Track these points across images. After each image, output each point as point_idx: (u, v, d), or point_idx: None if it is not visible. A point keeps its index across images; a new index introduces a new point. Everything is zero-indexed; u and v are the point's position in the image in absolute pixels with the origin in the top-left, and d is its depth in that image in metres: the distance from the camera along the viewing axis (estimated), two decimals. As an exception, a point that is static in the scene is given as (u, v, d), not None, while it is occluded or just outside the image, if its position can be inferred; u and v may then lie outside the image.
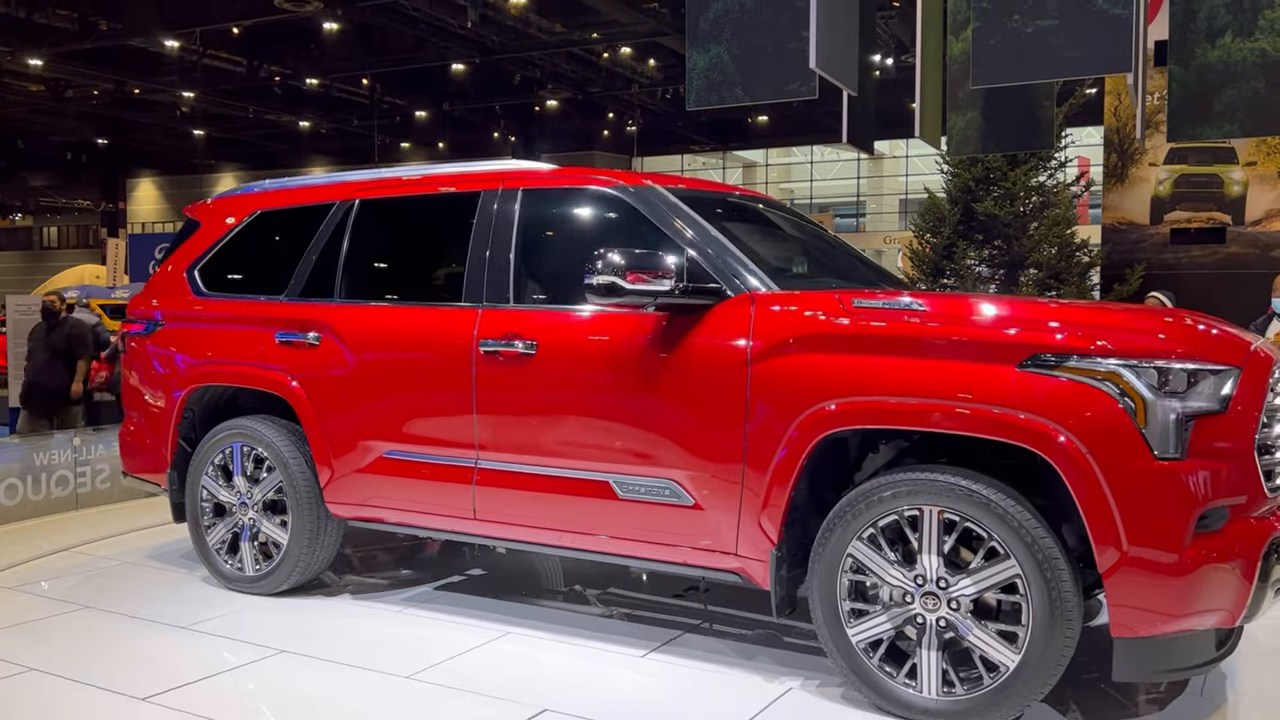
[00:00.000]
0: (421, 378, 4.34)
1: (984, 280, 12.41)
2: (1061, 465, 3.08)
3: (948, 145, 7.60)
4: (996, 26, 5.54)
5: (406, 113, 33.97)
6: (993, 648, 3.23)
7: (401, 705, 3.60)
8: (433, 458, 4.32)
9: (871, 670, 3.40)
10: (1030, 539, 3.14)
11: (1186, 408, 3.04)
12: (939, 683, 3.30)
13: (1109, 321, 3.28)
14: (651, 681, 3.80)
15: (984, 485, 3.22)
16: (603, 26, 25.63)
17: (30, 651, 4.18)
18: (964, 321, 3.35)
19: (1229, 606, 3.07)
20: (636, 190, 4.11)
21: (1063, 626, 3.13)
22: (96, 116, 34.94)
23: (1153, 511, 3.02)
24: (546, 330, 4.04)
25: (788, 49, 5.82)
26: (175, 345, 5.15)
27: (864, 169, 40.81)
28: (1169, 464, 3.01)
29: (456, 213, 4.47)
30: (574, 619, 4.52)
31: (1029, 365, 3.14)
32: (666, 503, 3.74)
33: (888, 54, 23.57)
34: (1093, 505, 3.05)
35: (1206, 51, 6.02)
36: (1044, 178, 12.55)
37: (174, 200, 49.17)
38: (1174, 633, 3.08)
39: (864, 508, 3.38)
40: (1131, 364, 3.06)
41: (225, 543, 4.95)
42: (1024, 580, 3.17)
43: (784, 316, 3.58)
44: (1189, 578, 3.00)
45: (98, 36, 24.24)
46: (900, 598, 3.37)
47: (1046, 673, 3.17)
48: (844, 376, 3.40)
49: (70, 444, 7.18)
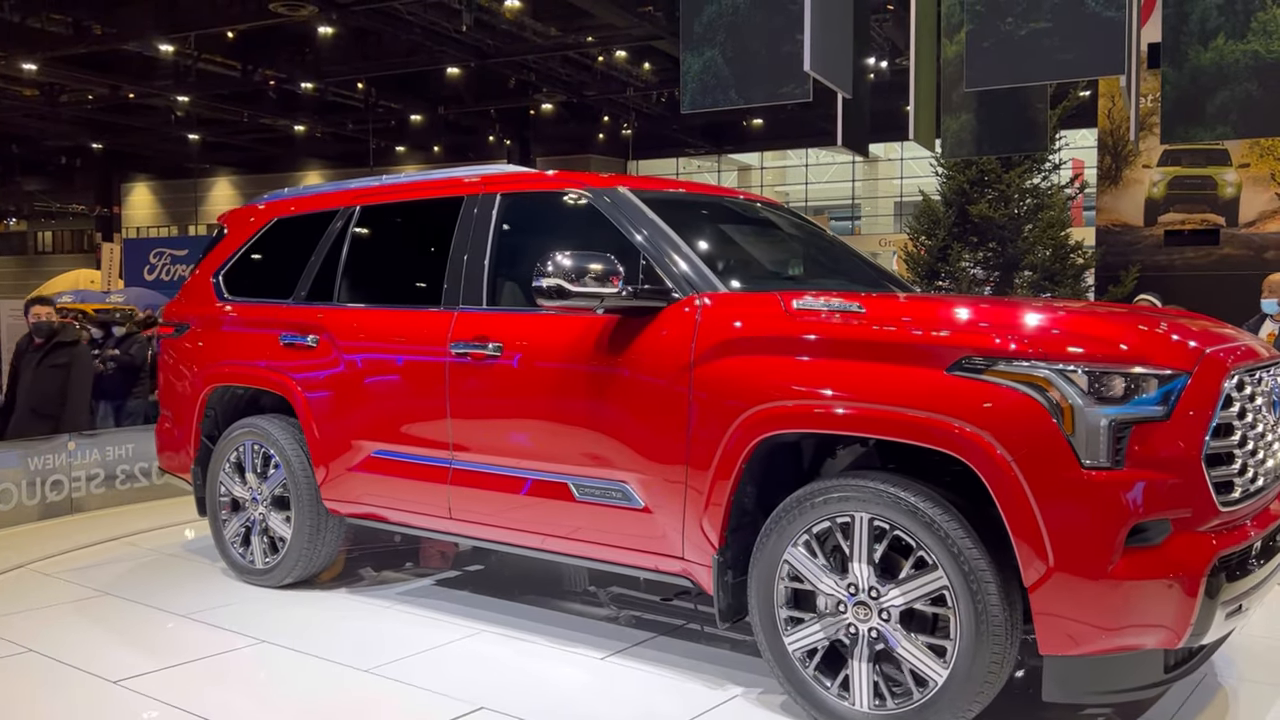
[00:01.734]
0: (404, 379, 4.47)
1: (979, 282, 12.44)
2: (985, 473, 2.95)
3: (942, 148, 7.62)
4: (990, 29, 5.56)
5: (402, 117, 33.95)
6: (921, 661, 3.11)
7: (347, 696, 3.73)
8: (414, 457, 4.43)
9: (807, 680, 3.32)
10: (956, 550, 3.01)
11: (1122, 415, 2.88)
12: (870, 695, 3.20)
13: (1047, 323, 3.15)
14: (600, 684, 3.81)
15: (912, 492, 3.10)
16: (597, 30, 25.65)
17: (36, 634, 4.45)
18: (897, 324, 3.24)
19: (1170, 625, 2.87)
20: (601, 193, 4.11)
21: (989, 643, 2.98)
22: (91, 121, 34.88)
23: (1079, 523, 2.85)
24: (512, 332, 4.10)
25: (782, 52, 5.84)
26: (198, 347, 5.41)
27: (859, 172, 40.84)
28: (1098, 474, 2.85)
29: (441, 217, 4.56)
30: (559, 619, 4.55)
31: (957, 369, 3.01)
32: (618, 505, 3.75)
33: (882, 57, 23.61)
34: (1017, 516, 2.91)
35: (1199, 54, 6.04)
36: (1038, 180, 12.60)
37: (168, 205, 49.12)
38: (1107, 652, 2.91)
39: (798, 513, 3.31)
40: (1061, 368, 2.91)
41: (239, 536, 5.16)
42: (951, 592, 3.04)
43: (726, 318, 3.55)
44: (1118, 594, 2.84)
45: (92, 41, 24.22)
46: (834, 606, 3.28)
47: (973, 690, 3.02)
48: (778, 379, 3.34)
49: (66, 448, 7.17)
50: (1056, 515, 2.87)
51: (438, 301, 4.43)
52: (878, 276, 4.79)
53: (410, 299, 4.69)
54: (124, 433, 7.73)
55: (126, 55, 26.59)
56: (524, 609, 4.71)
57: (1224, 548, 2.95)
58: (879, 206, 41.73)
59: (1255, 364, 3.23)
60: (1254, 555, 3.15)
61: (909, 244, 13.30)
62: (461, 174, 4.72)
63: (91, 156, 42.28)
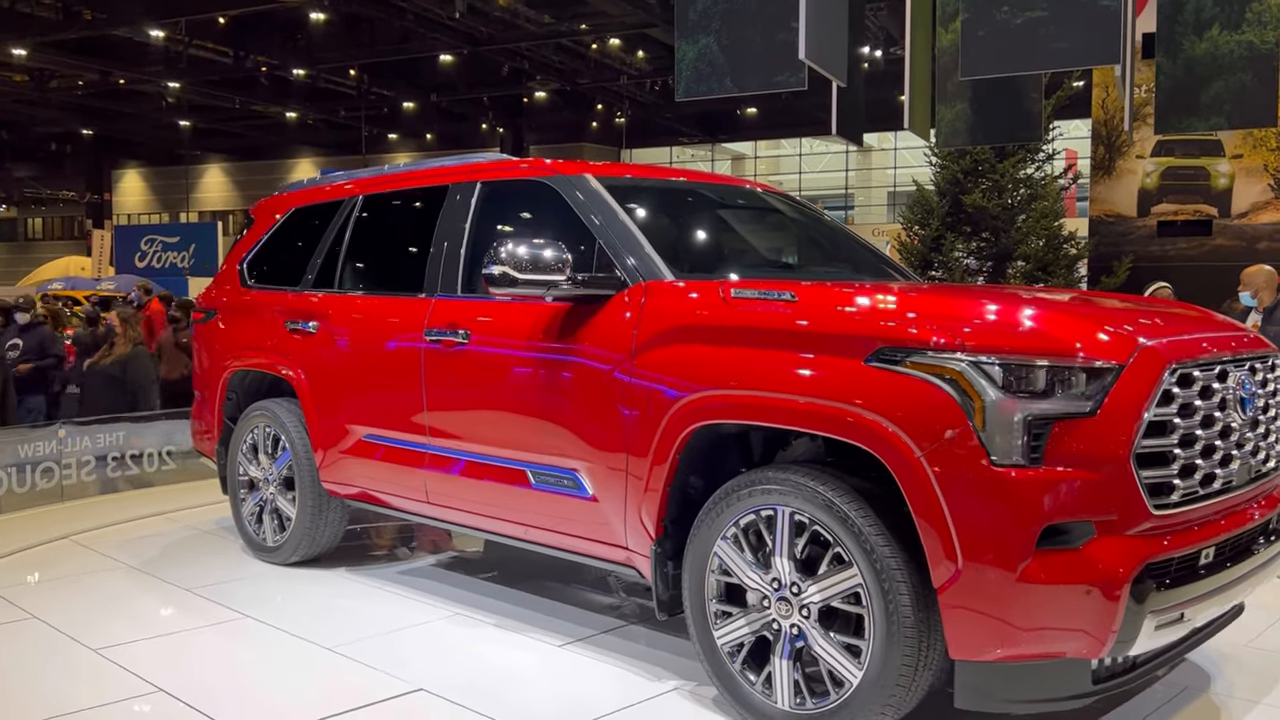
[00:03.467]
0: (388, 366, 4.55)
1: (972, 272, 12.45)
2: (895, 469, 2.85)
3: (936, 137, 7.61)
4: (985, 18, 5.54)
5: (394, 104, 33.83)
6: (837, 661, 3.03)
7: (303, 673, 3.85)
8: (398, 442, 4.52)
9: (733, 675, 3.27)
10: (869, 547, 2.90)
11: (1041, 410, 2.72)
12: (791, 693, 3.13)
13: (969, 313, 3.00)
14: (548, 670, 3.84)
15: (830, 487, 3.01)
16: (591, 18, 25.57)
17: (45, 602, 4.73)
18: (823, 314, 3.16)
19: (1091, 634, 2.71)
20: (565, 180, 4.10)
21: (900, 645, 2.87)
22: (81, 107, 34.69)
23: (988, 523, 2.71)
24: (478, 320, 4.15)
25: (777, 40, 5.81)
26: (221, 332, 5.64)
27: (852, 161, 40.82)
28: (1009, 471, 2.70)
29: (429, 206, 4.62)
30: (539, 605, 4.59)
31: (874, 360, 2.91)
32: (569, 493, 3.76)
33: (876, 46, 23.58)
34: (925, 514, 2.80)
35: (1194, 44, 6.04)
36: (1032, 170, 12.58)
37: (159, 191, 48.89)
38: (1022, 659, 2.76)
39: (725, 506, 3.26)
40: (975, 360, 2.76)
41: (254, 514, 5.36)
42: (865, 591, 2.93)
43: (666, 307, 3.52)
44: (1031, 598, 2.69)
45: (82, 26, 24.07)
46: (759, 602, 3.21)
47: (885, 694, 2.92)
48: (710, 369, 3.29)
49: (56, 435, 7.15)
50: (965, 514, 2.74)
51: (420, 289, 4.49)
52: (876, 262, 4.72)
53: (398, 286, 4.75)
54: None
55: (117, 40, 26.44)
56: (510, 593, 4.76)
57: (1156, 553, 2.78)
58: (873, 196, 41.73)
59: (1214, 358, 3.03)
60: (1205, 562, 2.96)
61: (902, 234, 13.29)
62: (453, 163, 4.76)
63: (82, 143, 42.05)
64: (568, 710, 3.46)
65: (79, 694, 3.64)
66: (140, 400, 8.53)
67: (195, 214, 47.46)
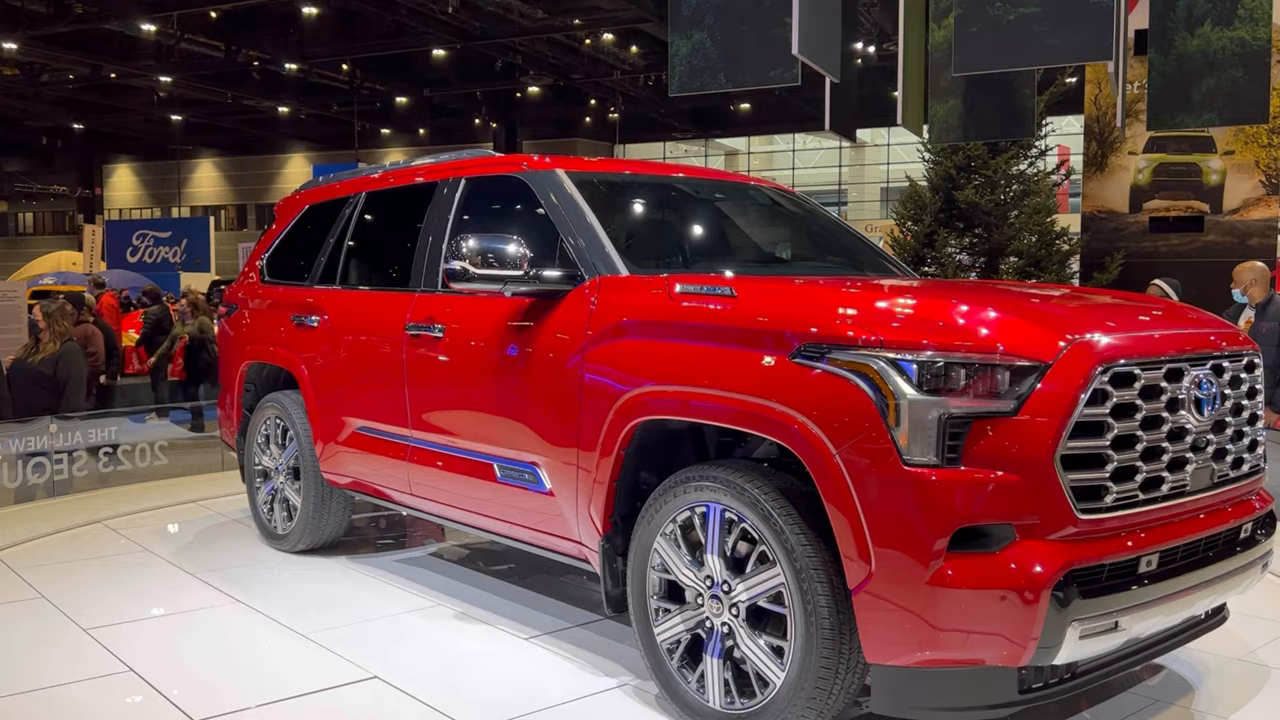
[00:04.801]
0: (377, 359, 4.61)
1: (965, 268, 12.47)
2: (811, 467, 2.81)
3: (929, 133, 7.62)
4: (978, 14, 5.55)
5: (387, 98, 33.75)
6: (762, 661, 2.98)
7: (270, 657, 3.97)
8: (384, 434, 4.59)
9: (671, 672, 3.26)
10: (790, 546, 2.85)
11: (956, 408, 2.63)
12: (722, 692, 3.10)
13: (892, 309, 2.96)
14: (505, 663, 3.86)
15: (756, 485, 2.96)
16: (584, 13, 25.53)
17: (57, 582, 4.91)
18: (756, 309, 3.10)
19: (1009, 640, 2.60)
20: (536, 175, 4.11)
21: (818, 647, 2.81)
22: (72, 101, 34.55)
23: (900, 525, 2.64)
24: (453, 314, 4.18)
25: (770, 35, 5.81)
26: (240, 326, 5.77)
27: (846, 157, 40.86)
28: (922, 472, 2.62)
29: (419, 203, 4.66)
30: (524, 597, 4.62)
31: (798, 356, 2.85)
32: (529, 487, 3.78)
33: (870, 41, 23.59)
34: (839, 513, 2.74)
35: (1186, 40, 6.06)
36: (1024, 166, 12.62)
37: (151, 186, 48.73)
38: (938, 665, 2.68)
39: (663, 502, 3.24)
40: (891, 357, 2.69)
41: (267, 503, 5.50)
42: (787, 591, 2.88)
43: (616, 301, 3.51)
44: (944, 603, 2.61)
45: (73, 19, 23.96)
46: (694, 599, 3.19)
47: (805, 696, 2.85)
48: (651, 364, 3.28)
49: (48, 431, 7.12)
50: (877, 515, 2.68)
51: (407, 284, 4.55)
52: (863, 254, 4.66)
53: (389, 281, 4.84)
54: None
55: (108, 34, 26.32)
56: (497, 585, 4.81)
57: (1082, 559, 2.66)
58: (866, 192, 41.77)
59: (1161, 357, 2.89)
60: (1146, 570, 2.83)
61: (895, 230, 13.31)
62: (447, 159, 4.80)
63: (73, 137, 41.88)
64: (511, 701, 3.47)
65: (51, 672, 3.78)
66: (72, 398, 8.15)
67: (187, 209, 47.32)
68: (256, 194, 46.64)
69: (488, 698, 3.50)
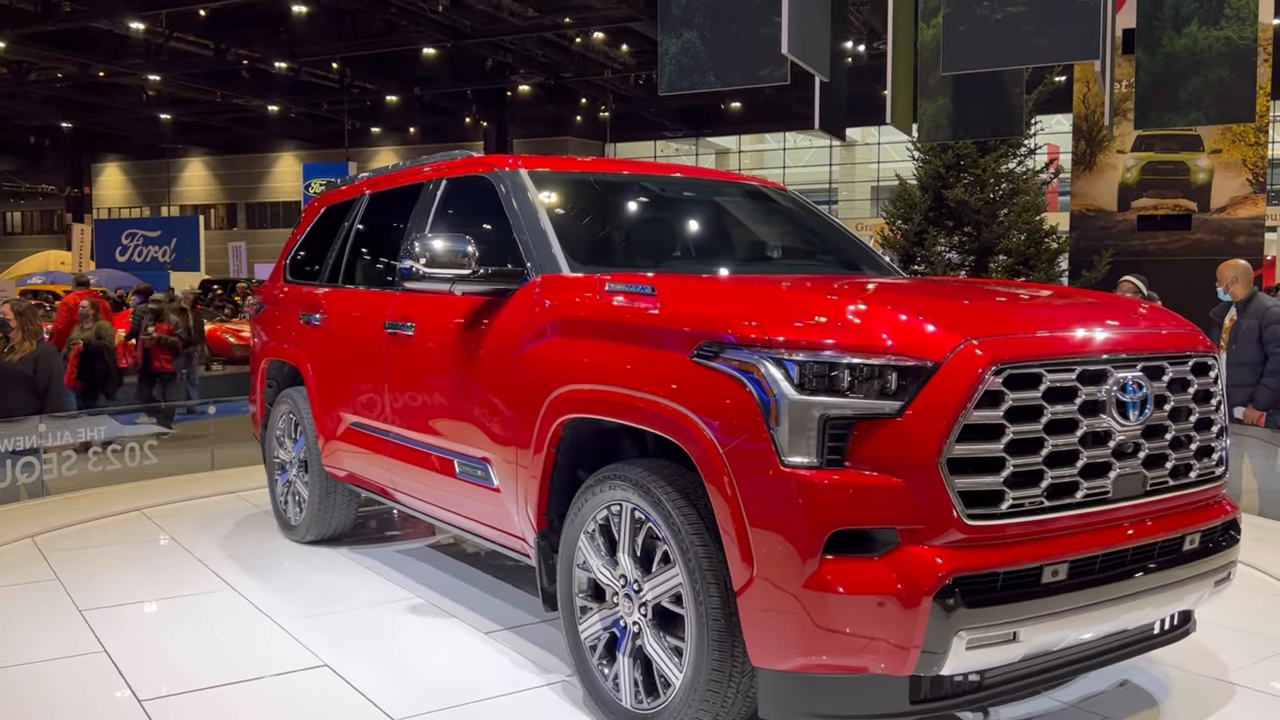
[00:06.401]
0: (365, 356, 4.69)
1: (954, 266, 12.51)
2: (700, 467, 2.76)
3: (919, 132, 7.64)
4: (966, 13, 5.57)
5: (377, 97, 33.70)
6: (665, 661, 2.95)
7: (237, 640, 4.09)
8: (373, 430, 4.66)
9: (592, 669, 3.24)
10: (686, 546, 2.82)
11: (838, 409, 2.56)
12: (633, 691, 3.08)
13: (790, 308, 2.90)
14: (455, 655, 3.90)
15: (658, 483, 2.93)
16: (575, 11, 25.53)
17: (74, 567, 5.10)
18: (668, 307, 3.06)
19: (891, 647, 2.52)
20: (500, 175, 4.15)
21: (710, 648, 2.76)
22: (61, 100, 34.42)
23: (778, 527, 2.59)
24: (420, 313, 4.25)
25: (760, 35, 5.83)
26: (264, 324, 5.94)
27: (836, 156, 40.95)
28: (800, 472, 2.56)
29: (410, 203, 4.71)
30: (499, 590, 4.67)
31: (697, 355, 2.82)
32: (481, 483, 3.81)
33: (859, 41, 23.64)
34: (724, 515, 2.70)
35: (1173, 39, 6.09)
36: (1014, 164, 12.65)
37: (140, 185, 48.57)
38: (822, 671, 2.60)
39: (585, 501, 3.22)
40: (775, 356, 2.63)
41: (284, 494, 5.64)
42: (685, 591, 2.84)
43: (554, 300, 3.52)
44: (817, 607, 2.54)
45: (61, 18, 23.87)
46: (611, 598, 3.17)
47: (699, 699, 2.81)
48: (577, 361, 3.27)
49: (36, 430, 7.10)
50: (758, 516, 2.62)
51: (391, 283, 4.63)
52: (846, 250, 4.61)
53: (378, 281, 4.90)
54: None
55: (97, 33, 26.23)
56: (482, 578, 4.85)
57: (970, 566, 2.55)
58: (856, 191, 41.87)
59: (1077, 358, 2.76)
60: (1052, 580, 2.67)
61: (885, 228, 13.35)
62: (439, 160, 4.85)
63: (61, 136, 41.72)
64: (445, 693, 3.50)
65: (35, 649, 3.95)
66: (52, 398, 8.01)
67: (177, 208, 47.18)
68: (246, 193, 46.53)
69: (424, 689, 3.55)
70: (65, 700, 3.50)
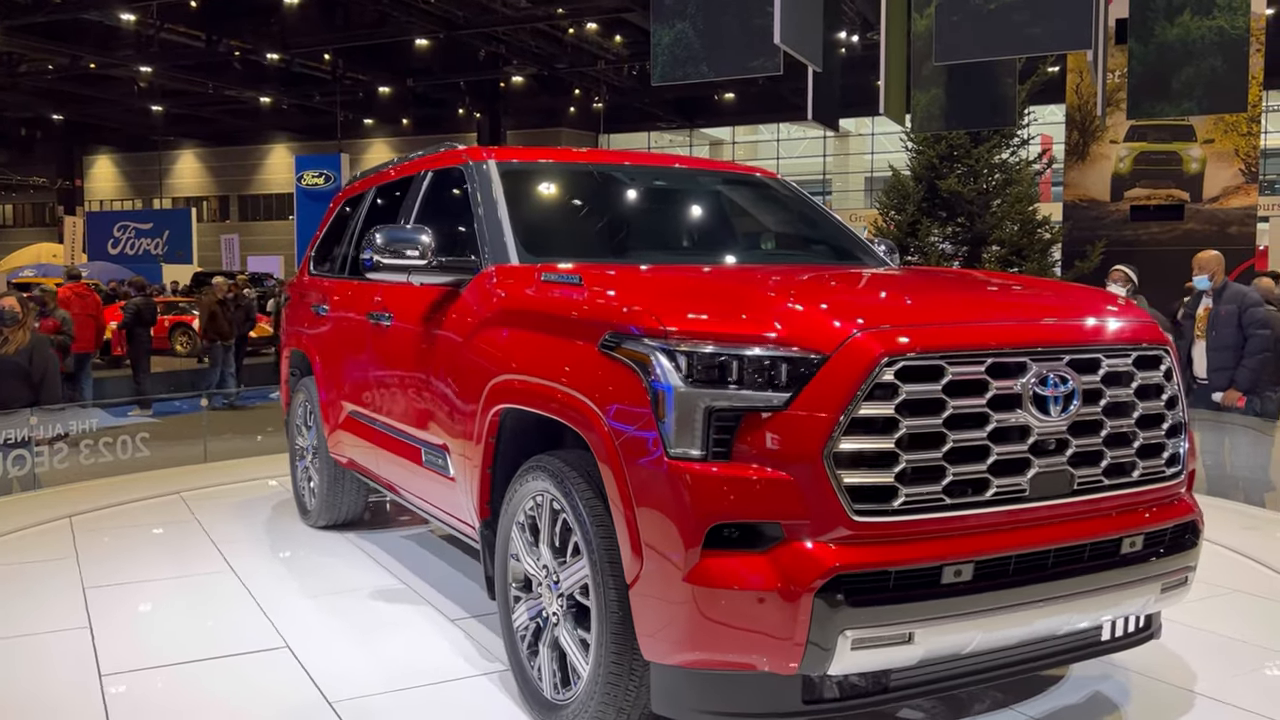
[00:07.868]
0: (355, 345, 4.80)
1: (948, 257, 12.53)
2: (597, 456, 2.74)
3: (912, 122, 7.65)
4: (959, 3, 5.57)
5: (369, 88, 33.62)
6: (574, 653, 2.92)
7: (216, 620, 4.16)
8: (363, 418, 4.74)
9: (522, 658, 3.22)
10: (590, 537, 2.78)
11: (722, 400, 2.52)
12: (552, 681, 3.05)
13: (686, 298, 2.86)
14: (415, 640, 3.92)
15: (571, 474, 2.90)
16: (568, 2, 25.46)
17: (92, 546, 5.26)
18: (589, 298, 3.03)
19: (775, 644, 2.46)
20: (471, 166, 4.18)
21: (609, 642, 2.72)
22: (52, 92, 34.26)
23: (661, 517, 2.55)
24: (396, 304, 4.31)
25: (753, 25, 5.83)
26: (289, 314, 6.09)
27: (830, 146, 40.92)
28: (684, 464, 2.51)
29: (404, 195, 4.75)
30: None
31: (601, 345, 2.79)
32: (441, 472, 3.84)
33: (852, 31, 23.59)
34: (618, 506, 2.67)
35: (1166, 30, 6.10)
36: (1006, 155, 12.68)
37: (131, 177, 48.39)
38: (709, 667, 2.56)
39: (514, 491, 3.22)
40: (664, 346, 2.59)
41: (302, 481, 5.75)
42: (590, 583, 2.81)
43: (499, 290, 3.53)
44: (698, 602, 2.49)
45: (51, 9, 23.75)
46: (536, 588, 3.17)
47: (602, 692, 2.78)
48: (509, 351, 3.28)
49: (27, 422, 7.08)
50: (645, 508, 2.59)
51: None
52: (848, 246, 4.49)
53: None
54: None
55: (87, 24, 26.11)
56: (470, 565, 4.84)
57: (857, 564, 2.46)
58: (850, 181, 41.86)
59: (986, 349, 2.63)
60: (954, 580, 2.57)
61: (879, 219, 13.36)
62: (429, 152, 4.89)
63: (52, 128, 41.54)
64: (391, 677, 3.54)
65: (29, 622, 4.08)
66: (46, 389, 7.91)
67: (169, 200, 47.04)
68: (239, 185, 46.39)
69: (368, 672, 3.58)
70: (29, 675, 3.59)
